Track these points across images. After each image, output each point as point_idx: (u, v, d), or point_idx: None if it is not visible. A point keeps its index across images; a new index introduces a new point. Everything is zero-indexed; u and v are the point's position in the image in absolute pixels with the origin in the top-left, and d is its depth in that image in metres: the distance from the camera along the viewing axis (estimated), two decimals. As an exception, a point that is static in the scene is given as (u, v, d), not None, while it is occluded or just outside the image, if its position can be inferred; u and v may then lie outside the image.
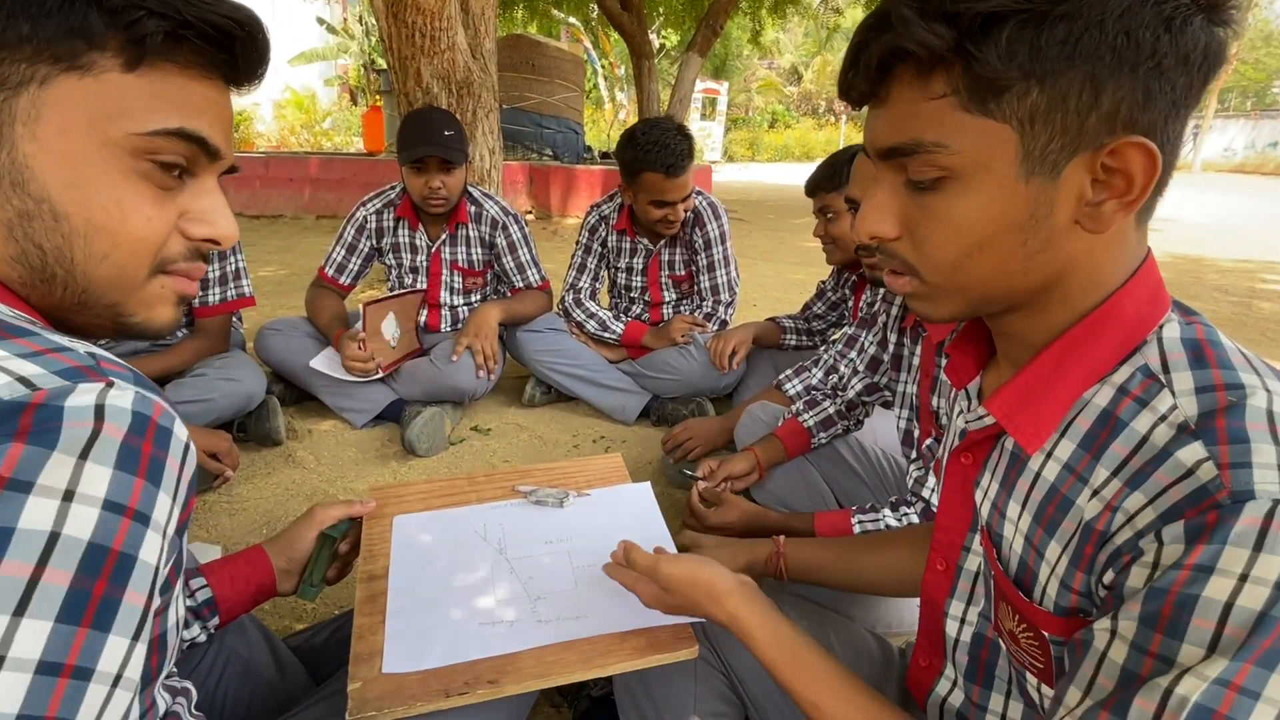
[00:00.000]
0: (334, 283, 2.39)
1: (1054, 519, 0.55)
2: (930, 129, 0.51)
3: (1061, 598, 0.54)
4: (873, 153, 0.57)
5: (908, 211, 0.56)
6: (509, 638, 0.88)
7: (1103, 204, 0.52)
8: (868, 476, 1.63)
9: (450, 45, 3.26)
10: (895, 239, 0.58)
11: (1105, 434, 0.53)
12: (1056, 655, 0.57)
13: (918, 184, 0.54)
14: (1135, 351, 0.54)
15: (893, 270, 0.60)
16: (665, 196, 2.20)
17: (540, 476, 1.19)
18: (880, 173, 0.58)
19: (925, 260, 0.57)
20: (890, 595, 1.13)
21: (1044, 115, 0.49)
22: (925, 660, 0.77)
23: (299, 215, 7.05)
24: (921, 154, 0.53)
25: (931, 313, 0.60)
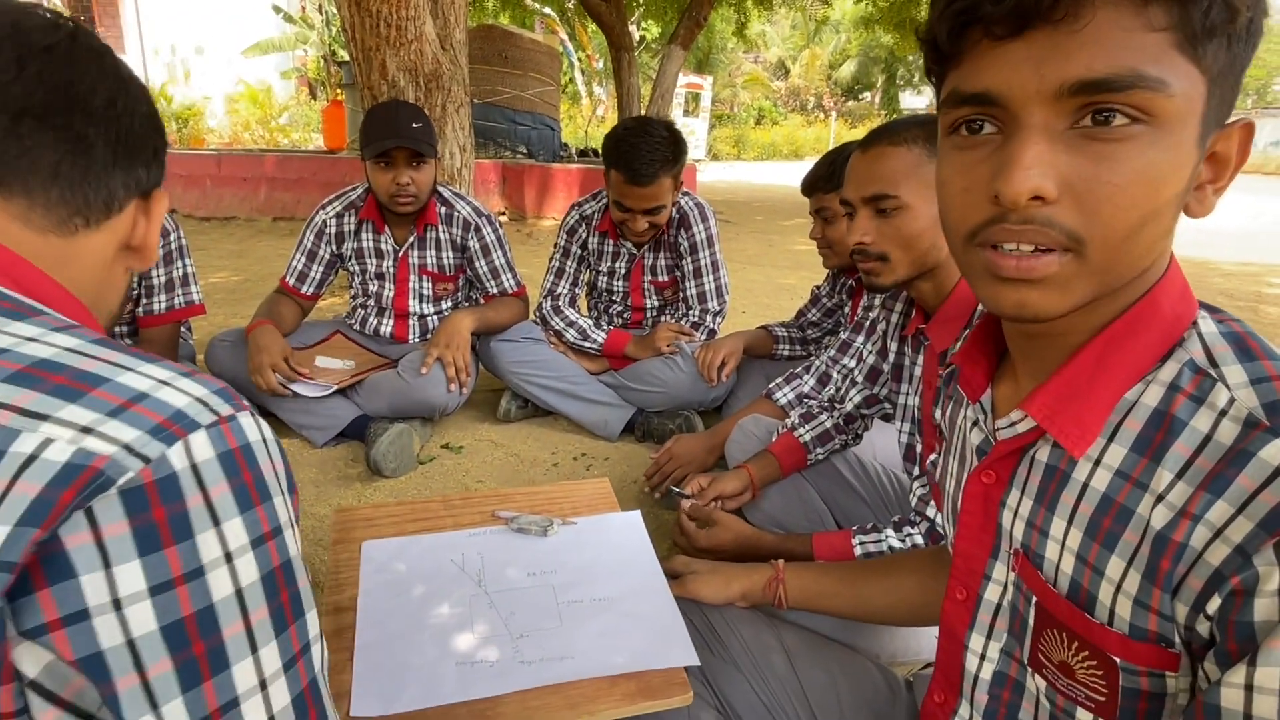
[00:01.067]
0: (296, 292, 2.35)
1: (1112, 532, 0.54)
2: (1152, 62, 0.46)
3: (1138, 618, 0.52)
4: (1042, 89, 0.49)
5: (1074, 167, 0.49)
6: (490, 680, 0.86)
7: (1204, 186, 0.52)
8: (867, 494, 1.62)
9: (418, 35, 3.24)
10: (1054, 200, 0.50)
11: (1161, 435, 0.52)
12: (1125, 686, 0.55)
13: (1097, 133, 0.48)
14: (1176, 348, 0.54)
15: (1037, 245, 0.51)
16: (625, 201, 2.19)
17: (522, 501, 1.17)
18: (1031, 116, 0.50)
19: (1099, 226, 0.50)
20: (899, 625, 1.13)
21: (1221, 78, 0.49)
22: (941, 697, 0.76)
23: (254, 217, 6.96)
24: (1139, 90, 0.47)
25: (1056, 303, 0.53)
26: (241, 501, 0.43)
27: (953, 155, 0.56)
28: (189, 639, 0.40)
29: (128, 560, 0.38)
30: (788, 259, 6.02)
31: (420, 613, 0.95)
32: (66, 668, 0.37)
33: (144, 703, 0.39)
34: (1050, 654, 0.60)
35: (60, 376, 0.41)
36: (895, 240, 1.17)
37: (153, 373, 0.44)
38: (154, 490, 0.39)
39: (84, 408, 0.40)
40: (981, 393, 0.69)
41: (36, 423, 0.39)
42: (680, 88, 16.86)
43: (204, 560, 0.41)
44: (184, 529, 0.40)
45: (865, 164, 1.19)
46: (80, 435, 0.39)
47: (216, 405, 0.45)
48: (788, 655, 1.00)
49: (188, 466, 0.41)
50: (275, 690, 0.44)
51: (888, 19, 10.82)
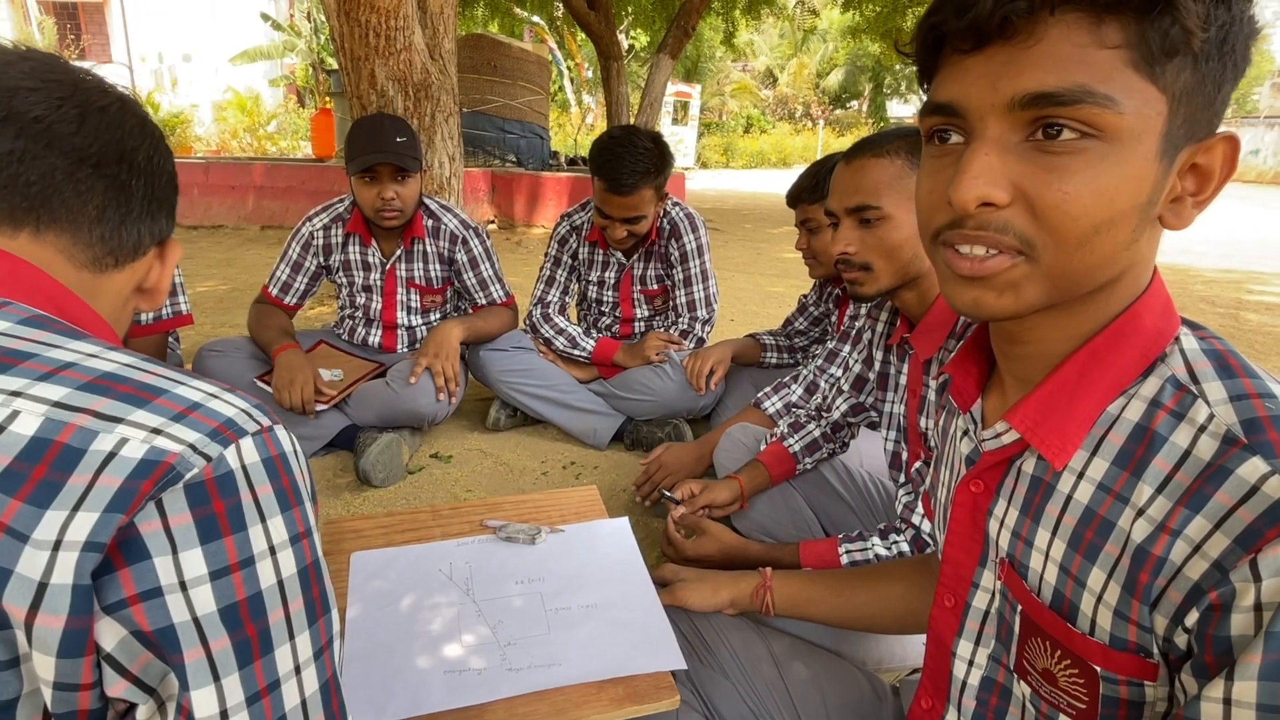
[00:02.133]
0: (279, 303, 2.34)
1: (1093, 544, 0.55)
2: (1102, 80, 0.48)
3: (1118, 629, 0.54)
4: (996, 102, 0.51)
5: (1026, 176, 0.52)
6: (478, 687, 0.87)
7: (1182, 199, 0.54)
8: (854, 502, 1.64)
9: (407, 45, 3.25)
10: (1005, 206, 0.53)
11: (1142, 450, 0.54)
12: (1105, 694, 0.56)
13: (1047, 146, 0.51)
14: (1157, 363, 0.56)
15: (989, 247, 0.54)
16: (605, 209, 2.21)
17: (510, 510, 1.18)
18: (987, 127, 0.52)
19: (1050, 233, 0.52)
20: (886, 632, 1.14)
21: (1187, 96, 0.50)
22: (928, 703, 0.77)
23: (241, 225, 6.94)
24: (1086, 105, 0.49)
25: (1009, 304, 0.55)
26: (281, 502, 0.48)
27: (927, 161, 0.59)
28: (242, 620, 0.45)
29: (191, 547, 0.43)
30: (775, 267, 6.05)
31: (408, 622, 0.96)
32: (137, 643, 0.42)
33: (208, 674, 0.44)
34: (1034, 661, 0.61)
35: (126, 386, 0.46)
36: (878, 250, 1.18)
37: (202, 386, 0.50)
38: (214, 486, 0.45)
39: (151, 413, 0.45)
40: (972, 402, 0.70)
41: (112, 424, 0.44)
42: (669, 96, 16.92)
43: (254, 551, 0.46)
44: (239, 521, 0.45)
45: (849, 175, 1.20)
46: (152, 435, 0.44)
47: (258, 417, 0.50)
48: (775, 662, 1.01)
49: (240, 467, 0.46)
50: (307, 676, 0.49)
51: (874, 29, 10.91)
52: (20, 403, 0.43)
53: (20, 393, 0.43)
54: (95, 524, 0.40)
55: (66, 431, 0.42)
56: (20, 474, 0.41)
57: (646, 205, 2.20)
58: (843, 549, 1.33)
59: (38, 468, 0.41)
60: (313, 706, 0.49)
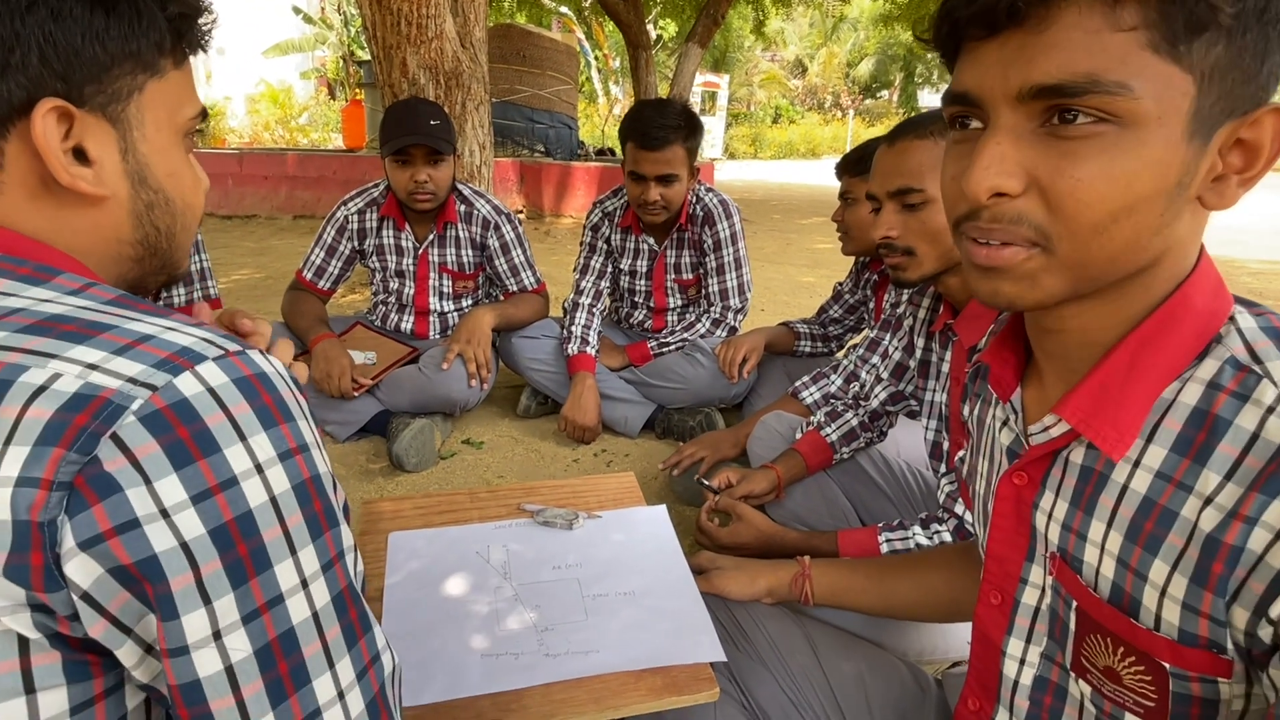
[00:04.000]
0: (312, 287, 2.36)
1: (1155, 535, 0.53)
2: (1114, 66, 0.47)
3: (1187, 623, 0.51)
4: (1007, 90, 0.50)
5: (1040, 163, 0.51)
6: (515, 672, 0.86)
7: (1225, 178, 0.51)
8: (892, 492, 1.61)
9: (438, 33, 3.25)
10: (1018, 195, 0.52)
11: (1204, 435, 0.51)
12: (1176, 691, 0.53)
13: (1061, 131, 0.49)
14: (1214, 345, 0.53)
15: (1004, 240, 0.53)
16: (638, 168, 2.17)
17: (547, 495, 1.17)
18: (1000, 115, 0.51)
19: (1064, 222, 0.51)
20: (929, 621, 1.11)
21: (1220, 72, 0.48)
22: (976, 704, 0.74)
23: (274, 215, 7.03)
24: (1096, 95, 0.47)
25: (1028, 295, 0.54)
26: (264, 419, 0.46)
27: (950, 148, 0.58)
28: (233, 541, 0.43)
29: (165, 475, 0.42)
30: (806, 257, 5.99)
31: (446, 604, 0.95)
32: (114, 581, 0.41)
33: (197, 599, 0.42)
34: (1094, 659, 0.59)
35: (69, 325, 0.44)
36: (921, 234, 1.16)
37: (161, 321, 0.47)
38: (170, 413, 0.42)
39: (90, 348, 0.43)
40: (1012, 392, 0.68)
41: (45, 360, 0.42)
42: (697, 86, 16.85)
43: (236, 470, 0.44)
44: (210, 444, 0.43)
45: (891, 158, 1.18)
46: (87, 370, 0.42)
47: (223, 343, 0.47)
48: (815, 652, 0.99)
49: (202, 391, 0.44)
50: (316, 589, 0.48)
51: (906, 16, 10.75)
52: None
53: None
54: (27, 457, 0.39)
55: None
56: None
57: (679, 165, 2.17)
58: (883, 538, 1.30)
59: None
60: (325, 618, 0.48)
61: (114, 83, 0.52)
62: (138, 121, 0.54)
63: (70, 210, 0.52)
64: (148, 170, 0.56)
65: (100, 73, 0.51)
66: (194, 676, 0.43)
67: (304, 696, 0.46)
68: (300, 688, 0.46)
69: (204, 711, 0.43)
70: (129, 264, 0.58)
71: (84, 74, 0.50)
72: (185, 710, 0.43)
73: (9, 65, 0.47)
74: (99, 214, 0.54)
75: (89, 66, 0.50)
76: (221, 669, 0.43)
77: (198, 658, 0.43)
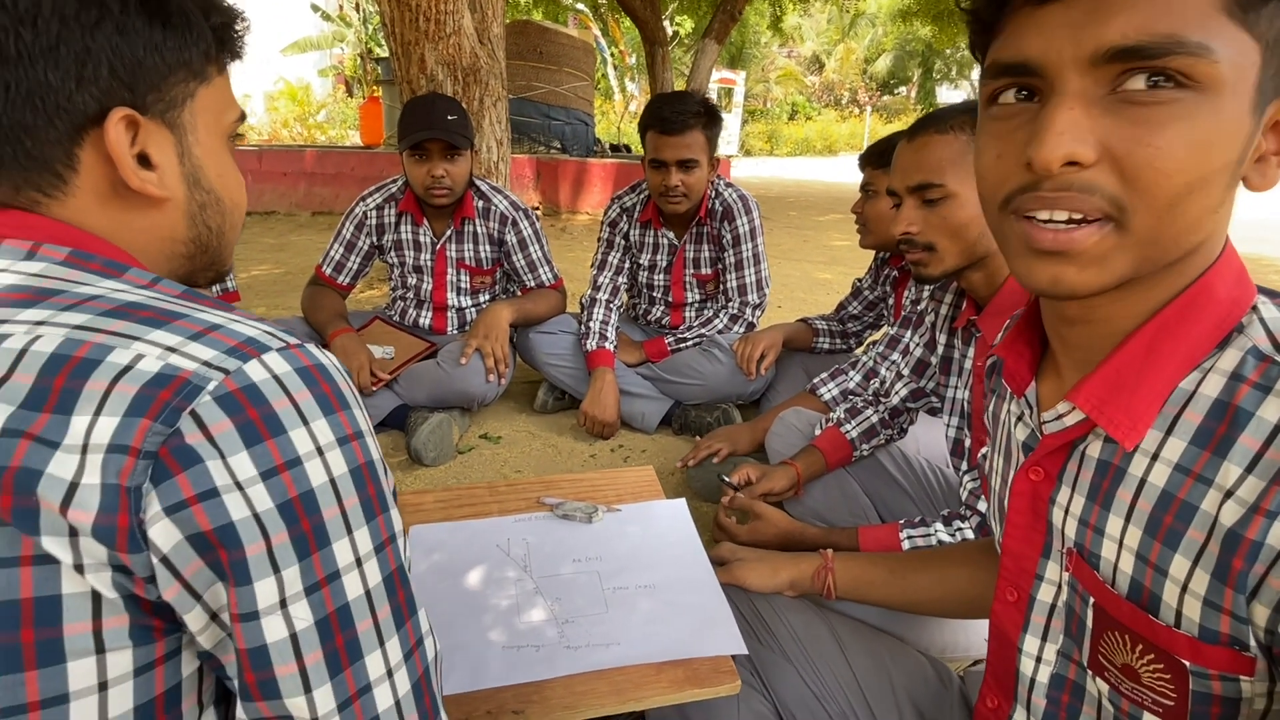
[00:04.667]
0: (331, 282, 2.38)
1: (1174, 529, 0.51)
2: (1193, 27, 0.45)
3: (1208, 619, 0.50)
4: (1078, 55, 0.47)
5: (1114, 132, 0.47)
6: (536, 664, 0.86)
7: (1266, 158, 0.50)
8: (912, 489, 1.60)
9: (456, 29, 3.26)
10: (1090, 166, 0.48)
11: (1224, 427, 0.50)
12: (1196, 690, 0.52)
13: (1138, 97, 0.47)
14: (1235, 334, 0.52)
15: (1073, 210, 0.49)
16: (659, 154, 2.17)
17: (567, 488, 1.17)
18: (1067, 82, 0.48)
19: (1140, 194, 0.48)
20: (951, 616, 1.10)
21: (1278, 44, 0.46)
22: (994, 701, 0.73)
23: (293, 211, 7.08)
24: (1178, 56, 0.45)
25: (1093, 279, 0.51)
26: (324, 406, 0.49)
27: (989, 125, 0.54)
28: (298, 516, 0.46)
29: (237, 451, 0.45)
30: (823, 254, 5.96)
31: (467, 596, 0.95)
32: (190, 548, 0.44)
33: (268, 566, 0.45)
34: (1112, 656, 0.57)
35: (146, 312, 0.47)
36: (942, 230, 1.15)
37: (225, 311, 0.51)
38: (241, 396, 0.46)
39: (168, 333, 0.46)
40: (1026, 385, 0.66)
41: (129, 341, 0.45)
42: (713, 83, 16.79)
43: (300, 451, 0.47)
44: (277, 426, 0.46)
45: (911, 153, 1.17)
46: (167, 353, 0.45)
47: (284, 336, 0.50)
48: (839, 644, 0.99)
49: (269, 378, 0.47)
50: (369, 568, 0.50)
51: (925, 11, 10.66)
52: (43, 329, 0.44)
53: (44, 322, 0.45)
54: (117, 427, 0.42)
55: (83, 348, 0.44)
56: (43, 388, 0.42)
57: (699, 150, 2.18)
58: (904, 534, 1.30)
59: (57, 379, 0.43)
60: (377, 597, 0.50)
61: (171, 90, 0.55)
62: (191, 126, 0.58)
63: (133, 212, 0.56)
64: (201, 172, 0.59)
65: (160, 81, 0.54)
66: (262, 641, 0.46)
67: (357, 670, 0.49)
68: (354, 661, 0.49)
69: (269, 676, 0.46)
70: (181, 261, 0.61)
71: (146, 84, 0.53)
72: (252, 674, 0.46)
73: (83, 78, 0.50)
74: (158, 215, 0.58)
75: (150, 76, 0.54)
76: (287, 636, 0.46)
77: (266, 623, 0.46)
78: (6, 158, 0.50)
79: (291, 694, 0.47)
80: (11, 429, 0.42)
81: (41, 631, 0.42)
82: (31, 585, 0.42)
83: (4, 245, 0.49)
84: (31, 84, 0.49)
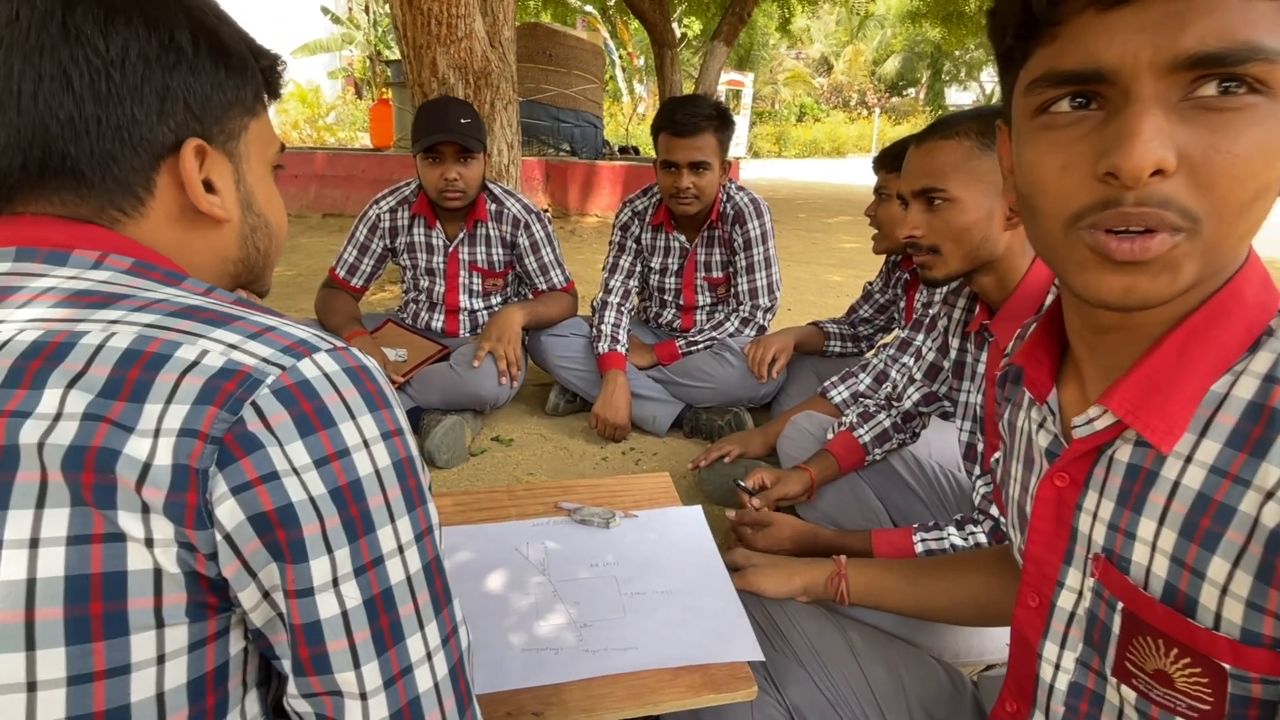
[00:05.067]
0: (345, 284, 2.39)
1: (1212, 531, 0.51)
2: (1266, 33, 0.44)
3: (1250, 622, 0.50)
4: (1156, 61, 0.46)
5: (1191, 139, 0.47)
6: (554, 667, 0.87)
7: None
8: (924, 493, 1.60)
9: (468, 33, 3.27)
10: (1173, 174, 0.47)
11: (1260, 429, 0.50)
12: (1235, 693, 0.52)
13: (1215, 103, 0.46)
14: (1265, 338, 0.52)
15: (1148, 227, 0.48)
16: (670, 156, 2.18)
17: (584, 493, 1.18)
18: (1142, 88, 0.47)
19: (1214, 201, 0.47)
20: (964, 624, 1.10)
21: None
22: (1013, 706, 0.73)
23: (304, 214, 7.12)
24: (1257, 63, 0.44)
25: (1165, 288, 0.50)
26: (369, 403, 0.53)
27: (1042, 136, 0.53)
28: (347, 502, 0.50)
29: (293, 440, 0.48)
30: (833, 257, 5.95)
31: (486, 599, 0.96)
32: (250, 529, 0.47)
33: (323, 547, 0.49)
34: (1143, 662, 0.57)
35: (207, 313, 0.52)
36: (945, 234, 1.17)
37: (274, 316, 0.55)
38: (297, 390, 0.49)
39: (229, 332, 0.50)
40: (1048, 392, 0.67)
41: (195, 339, 0.49)
42: (722, 85, 16.79)
43: (348, 443, 0.51)
44: (329, 418, 0.50)
45: (918, 158, 1.19)
46: (229, 350, 0.49)
47: (330, 338, 0.54)
48: (853, 651, 0.99)
49: (320, 375, 0.51)
50: (410, 556, 0.53)
51: (935, 13, 10.64)
52: (117, 327, 0.49)
53: (118, 320, 0.49)
54: (187, 414, 0.46)
55: (154, 344, 0.48)
56: (119, 379, 0.46)
57: (710, 153, 2.19)
58: (918, 538, 1.30)
59: (131, 371, 0.47)
60: (417, 583, 0.54)
61: (230, 123, 0.62)
62: (245, 156, 0.64)
63: (195, 232, 0.62)
64: (253, 197, 0.66)
65: (222, 115, 0.61)
66: (316, 617, 0.49)
67: (400, 651, 0.52)
68: (397, 642, 0.52)
69: (321, 651, 0.49)
70: (228, 279, 0.67)
71: (212, 117, 0.60)
72: (306, 649, 0.49)
73: (163, 113, 0.57)
74: (216, 236, 0.63)
75: (215, 111, 0.60)
76: (338, 613, 0.50)
77: (320, 600, 0.49)
78: (96, 181, 0.56)
79: (342, 669, 0.50)
80: (91, 414, 0.45)
81: (109, 605, 0.45)
82: (101, 561, 0.45)
83: (74, 256, 0.54)
84: (120, 119, 0.55)
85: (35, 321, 0.48)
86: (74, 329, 0.48)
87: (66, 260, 0.53)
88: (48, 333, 0.48)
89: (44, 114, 0.53)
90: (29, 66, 0.52)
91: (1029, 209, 0.56)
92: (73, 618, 0.44)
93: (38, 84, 0.53)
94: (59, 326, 0.48)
